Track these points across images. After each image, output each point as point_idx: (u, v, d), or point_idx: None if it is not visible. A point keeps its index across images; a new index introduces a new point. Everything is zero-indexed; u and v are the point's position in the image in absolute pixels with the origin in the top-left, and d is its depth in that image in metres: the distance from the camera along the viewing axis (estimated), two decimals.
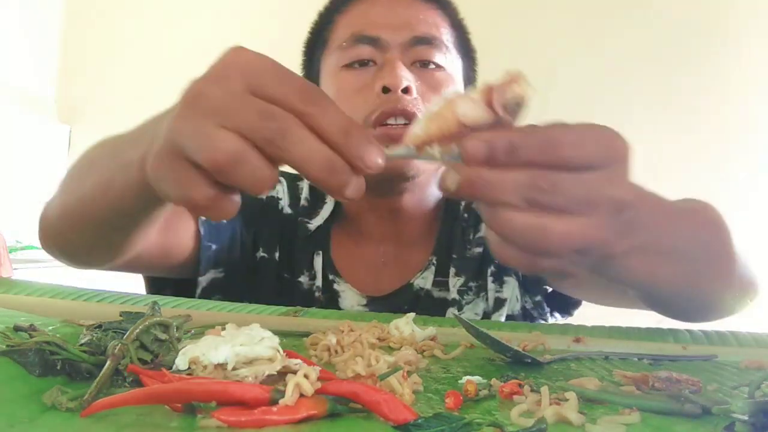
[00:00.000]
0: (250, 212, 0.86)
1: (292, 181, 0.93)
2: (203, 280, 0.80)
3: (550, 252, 0.34)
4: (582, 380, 0.41)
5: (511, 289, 0.82)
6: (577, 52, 2.35)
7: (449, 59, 0.82)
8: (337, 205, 0.91)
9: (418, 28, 0.80)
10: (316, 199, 0.91)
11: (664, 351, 0.53)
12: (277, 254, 0.86)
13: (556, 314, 0.86)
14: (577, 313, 0.87)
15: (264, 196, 0.89)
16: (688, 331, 0.62)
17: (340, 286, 0.85)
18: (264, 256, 0.86)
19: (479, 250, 0.84)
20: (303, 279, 0.85)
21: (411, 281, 0.84)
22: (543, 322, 0.84)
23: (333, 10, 0.87)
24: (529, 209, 0.33)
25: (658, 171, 2.23)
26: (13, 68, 2.44)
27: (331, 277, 0.85)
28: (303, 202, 0.91)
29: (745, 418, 0.30)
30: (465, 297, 0.82)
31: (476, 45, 0.90)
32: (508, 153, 0.33)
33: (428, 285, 0.84)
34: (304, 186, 0.93)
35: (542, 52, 2.35)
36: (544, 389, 0.36)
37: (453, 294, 0.82)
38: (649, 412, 0.35)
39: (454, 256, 0.84)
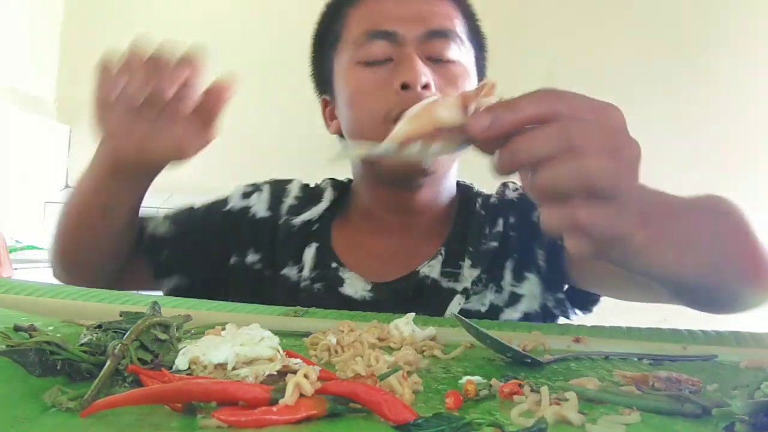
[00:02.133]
0: (218, 228, 0.91)
1: (279, 185, 0.95)
2: (167, 283, 0.88)
3: (579, 189, 0.39)
4: (582, 380, 0.41)
5: (530, 286, 0.81)
6: (577, 52, 2.35)
7: (463, 52, 0.82)
8: (341, 200, 0.93)
9: (433, 21, 0.80)
10: (309, 199, 0.93)
11: (664, 351, 0.53)
12: (249, 257, 0.88)
13: (577, 311, 0.85)
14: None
15: (236, 208, 0.93)
16: (688, 331, 0.62)
17: (344, 275, 0.84)
18: (238, 259, 0.89)
19: (495, 244, 0.84)
20: (288, 272, 0.86)
21: (417, 269, 0.84)
22: (565, 319, 0.85)
23: (344, 3, 0.86)
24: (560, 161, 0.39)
25: (660, 171, 2.23)
26: (13, 68, 2.44)
27: (333, 264, 0.86)
28: (291, 201, 0.92)
29: (745, 418, 0.30)
30: (474, 288, 0.81)
31: None
32: (510, 110, 0.39)
33: (435, 274, 0.83)
34: (293, 188, 0.95)
35: (542, 53, 2.35)
36: (544, 389, 0.36)
37: (465, 283, 0.81)
38: (649, 412, 0.35)
39: (471, 249, 0.83)
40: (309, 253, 0.87)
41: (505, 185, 0.91)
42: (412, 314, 0.57)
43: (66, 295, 0.64)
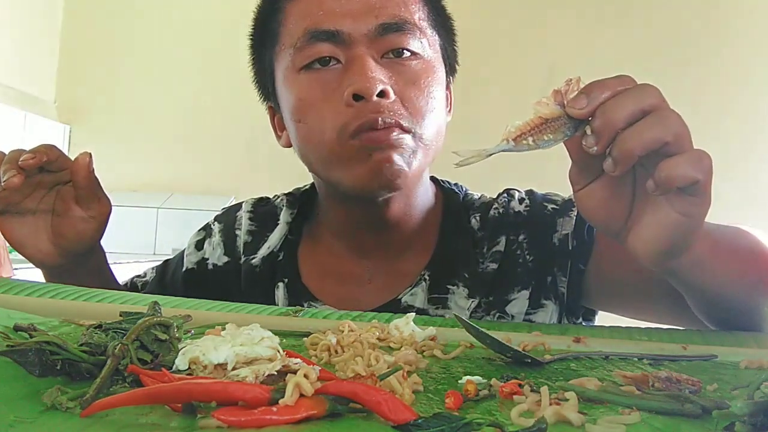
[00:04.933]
0: (183, 293, 0.85)
1: (228, 218, 0.89)
2: None
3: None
4: (582, 380, 0.41)
5: (548, 314, 0.75)
6: (577, 52, 2.35)
7: (425, 42, 0.72)
8: (302, 217, 0.85)
9: (384, 11, 0.69)
10: (262, 226, 0.86)
11: (664, 351, 0.53)
12: None
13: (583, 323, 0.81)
14: None
15: (193, 265, 0.88)
16: (688, 331, 0.62)
17: None
18: None
19: (494, 265, 0.76)
20: None
21: (398, 297, 0.76)
22: None
23: None
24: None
25: None
26: (13, 68, 2.44)
27: (305, 304, 0.78)
28: (245, 237, 0.86)
29: (745, 418, 0.30)
30: (473, 316, 0.75)
31: (477, 45, 0.88)
32: (600, 89, 0.45)
33: (419, 303, 0.76)
34: (243, 217, 0.88)
35: (542, 52, 2.35)
36: (544, 389, 0.36)
37: (462, 315, 0.72)
38: (649, 412, 0.35)
39: (466, 275, 0.76)
40: (279, 295, 0.80)
41: (509, 194, 0.82)
42: (413, 314, 0.57)
43: (66, 295, 0.64)
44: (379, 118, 0.66)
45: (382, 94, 0.67)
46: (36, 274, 0.81)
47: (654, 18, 2.33)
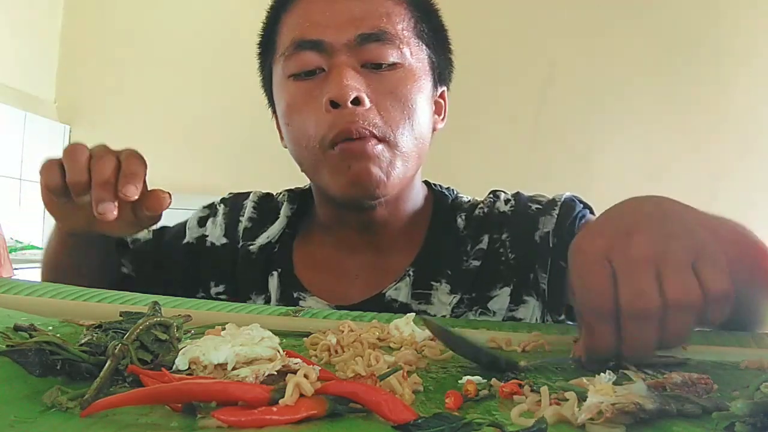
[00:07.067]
0: (180, 265, 0.87)
1: (235, 203, 0.91)
2: None
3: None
4: (582, 380, 0.41)
5: (530, 309, 0.76)
6: (577, 52, 2.35)
7: (407, 52, 0.74)
8: (300, 212, 0.88)
9: (364, 23, 0.72)
10: (266, 217, 0.88)
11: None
12: (213, 289, 0.85)
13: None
14: None
15: (193, 239, 0.89)
16: None
17: (306, 302, 0.80)
18: (203, 295, 0.85)
19: (477, 263, 0.78)
20: (255, 301, 0.82)
21: (383, 291, 0.78)
22: None
23: (280, 7, 0.79)
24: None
25: (657, 171, 2.23)
26: (12, 68, 2.44)
27: (295, 294, 0.81)
28: (246, 223, 0.88)
29: (745, 418, 0.30)
30: (455, 311, 0.76)
31: (477, 46, 0.88)
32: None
33: (403, 297, 0.77)
34: (248, 208, 0.90)
35: (542, 52, 2.35)
36: (544, 389, 0.36)
37: (443, 311, 0.76)
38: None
39: (449, 272, 0.78)
40: (273, 283, 0.82)
41: (495, 195, 0.84)
42: (412, 314, 0.57)
43: (66, 295, 0.64)
44: (353, 128, 0.69)
45: (357, 101, 0.69)
46: (36, 275, 0.82)
47: (654, 18, 2.33)
